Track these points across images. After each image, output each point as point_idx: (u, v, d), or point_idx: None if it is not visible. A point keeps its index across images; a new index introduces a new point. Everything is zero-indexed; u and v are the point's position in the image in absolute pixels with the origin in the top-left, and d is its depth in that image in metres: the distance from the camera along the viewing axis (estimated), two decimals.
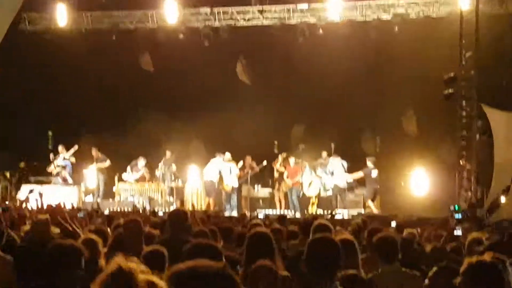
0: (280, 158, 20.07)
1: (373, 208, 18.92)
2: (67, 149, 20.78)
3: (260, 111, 20.50)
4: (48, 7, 22.06)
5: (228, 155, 19.78)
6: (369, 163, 19.12)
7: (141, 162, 20.50)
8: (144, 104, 22.04)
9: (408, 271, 5.93)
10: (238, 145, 20.13)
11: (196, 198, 19.97)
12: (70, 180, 20.75)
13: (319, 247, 4.62)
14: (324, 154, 19.98)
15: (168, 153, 20.65)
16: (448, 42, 18.95)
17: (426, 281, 5.15)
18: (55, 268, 4.89)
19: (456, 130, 18.96)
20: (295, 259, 5.60)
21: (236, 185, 19.83)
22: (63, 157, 20.73)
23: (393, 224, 10.79)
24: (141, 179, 20.48)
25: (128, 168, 20.75)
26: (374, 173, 19.06)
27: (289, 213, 18.35)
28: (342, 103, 20.56)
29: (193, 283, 2.58)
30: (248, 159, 20.06)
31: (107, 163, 20.81)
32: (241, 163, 20.04)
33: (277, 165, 20.03)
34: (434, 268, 5.15)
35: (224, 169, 19.69)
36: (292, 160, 19.81)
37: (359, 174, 19.37)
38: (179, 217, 6.75)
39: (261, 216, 13.30)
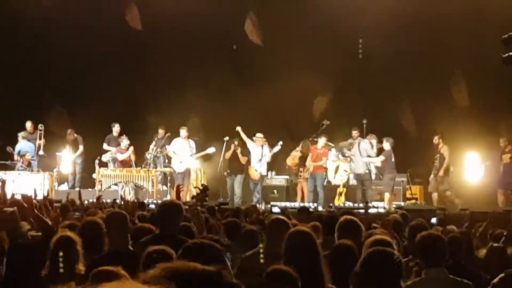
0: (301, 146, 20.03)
1: (386, 202, 18.68)
2: (36, 126, 20.88)
3: (274, 79, 20.49)
4: None
5: (259, 135, 19.75)
6: (386, 145, 18.89)
7: (125, 141, 20.49)
8: (131, 71, 22.10)
9: (457, 279, 5.95)
10: (246, 123, 20.13)
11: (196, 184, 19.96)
12: (33, 164, 20.78)
13: (378, 265, 4.79)
14: (355, 133, 19.91)
15: (160, 131, 20.64)
16: None
17: None
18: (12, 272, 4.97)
19: None
20: None
21: (265, 172, 19.98)
22: (22, 136, 20.83)
23: (433, 220, 10.76)
24: (126, 163, 20.47)
25: (105, 145, 20.86)
26: (392, 157, 18.89)
27: (311, 206, 18.33)
28: (377, 68, 20.51)
29: None
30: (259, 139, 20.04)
31: (80, 149, 21.03)
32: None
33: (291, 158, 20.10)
34: (502, 275, 5.18)
35: (254, 152, 19.80)
36: (322, 140, 19.72)
37: (379, 159, 19.15)
38: (173, 210, 6.87)
39: (276, 209, 13.28)
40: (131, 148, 20.43)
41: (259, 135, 19.78)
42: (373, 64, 20.49)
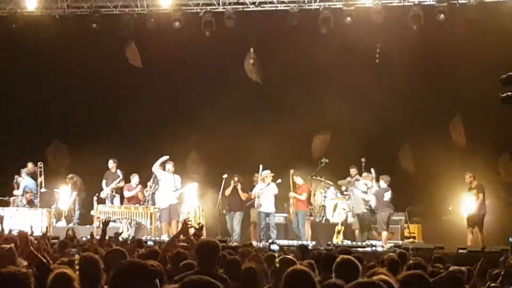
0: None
1: (383, 241, 18.64)
2: (35, 164, 20.93)
3: (274, 116, 20.56)
4: None
5: (266, 172, 19.70)
6: (383, 183, 18.91)
7: (136, 178, 20.55)
8: (130, 108, 22.13)
9: None
10: (246, 159, 20.15)
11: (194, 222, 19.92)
12: (36, 202, 20.80)
13: None
14: (353, 171, 19.91)
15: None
16: (507, 32, 18.94)
17: None
18: None
19: None
20: None
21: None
22: (26, 173, 20.89)
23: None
24: (132, 200, 20.47)
25: (103, 183, 20.88)
26: (387, 195, 18.84)
27: (310, 244, 18.24)
28: (374, 107, 20.57)
29: None
30: (257, 176, 20.02)
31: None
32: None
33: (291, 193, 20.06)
34: None
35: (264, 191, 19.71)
36: (299, 178, 19.75)
37: (371, 197, 19.05)
38: (211, 248, 7.09)
39: (275, 247, 13.21)
40: (140, 186, 20.49)
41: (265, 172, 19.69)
42: (373, 103, 20.52)
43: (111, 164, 20.90)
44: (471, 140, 20.19)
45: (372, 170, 19.34)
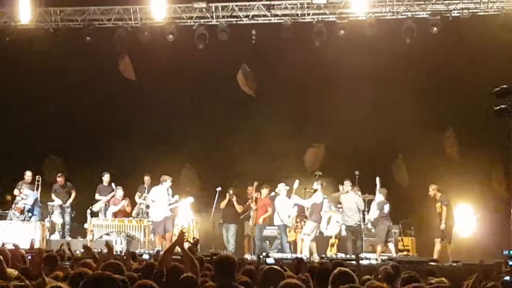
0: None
1: (393, 251, 18.73)
2: (34, 175, 20.90)
3: (267, 130, 20.56)
4: (8, 0, 22.16)
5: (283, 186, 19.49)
6: (380, 196, 18.94)
7: (119, 191, 20.62)
8: (123, 121, 22.14)
9: None
10: (240, 172, 20.16)
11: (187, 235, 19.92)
12: (29, 215, 20.71)
13: None
14: (347, 184, 19.93)
15: (146, 179, 20.88)
16: (500, 46, 19.01)
17: None
18: None
19: (510, 155, 18.92)
20: None
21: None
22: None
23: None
24: (119, 214, 20.52)
25: (97, 196, 20.90)
26: (386, 208, 18.89)
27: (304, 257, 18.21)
28: (368, 120, 20.60)
29: None
30: (251, 189, 20.01)
31: (72, 195, 21.09)
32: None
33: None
34: None
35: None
36: (265, 190, 19.72)
37: (374, 213, 19.07)
38: (229, 263, 7.10)
39: (270, 260, 13.17)
40: (125, 201, 20.54)
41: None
42: (366, 115, 20.55)
43: (106, 178, 20.93)
44: (464, 153, 20.21)
45: (377, 178, 19.26)
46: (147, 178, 21.01)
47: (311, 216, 18.92)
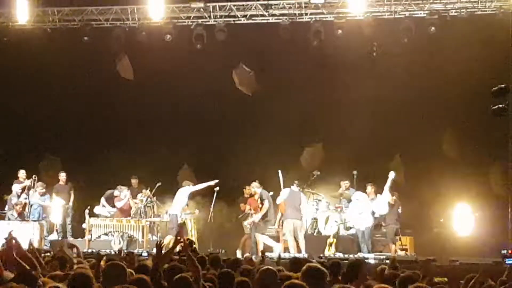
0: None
1: (399, 251, 18.79)
2: (28, 176, 20.87)
3: (264, 129, 20.56)
4: (6, 0, 22.15)
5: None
6: (394, 198, 18.91)
7: (125, 191, 20.60)
8: (122, 121, 22.13)
9: None
10: (238, 172, 20.15)
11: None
12: (27, 215, 20.72)
13: None
14: (345, 183, 19.94)
15: (133, 181, 21.11)
16: (498, 45, 19.03)
17: None
18: None
19: (508, 153, 18.95)
20: None
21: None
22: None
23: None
24: (124, 211, 20.47)
25: (102, 200, 20.92)
26: (399, 210, 18.96)
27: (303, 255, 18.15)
28: (366, 120, 20.59)
29: None
30: (249, 188, 19.97)
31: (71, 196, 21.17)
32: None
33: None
34: None
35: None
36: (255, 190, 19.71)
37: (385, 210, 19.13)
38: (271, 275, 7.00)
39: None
40: (130, 199, 20.58)
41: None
42: (364, 115, 20.54)
43: (126, 192, 20.80)
44: (462, 152, 20.21)
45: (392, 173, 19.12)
46: (134, 181, 21.09)
47: (284, 215, 18.85)
